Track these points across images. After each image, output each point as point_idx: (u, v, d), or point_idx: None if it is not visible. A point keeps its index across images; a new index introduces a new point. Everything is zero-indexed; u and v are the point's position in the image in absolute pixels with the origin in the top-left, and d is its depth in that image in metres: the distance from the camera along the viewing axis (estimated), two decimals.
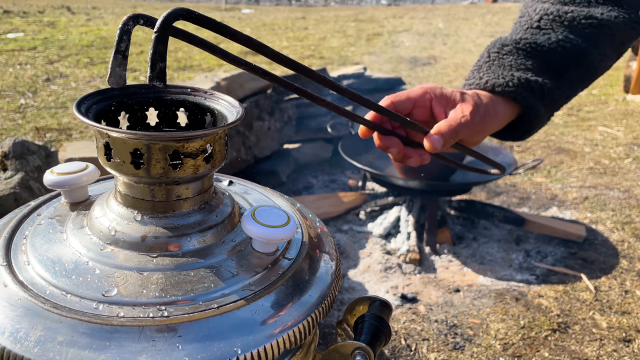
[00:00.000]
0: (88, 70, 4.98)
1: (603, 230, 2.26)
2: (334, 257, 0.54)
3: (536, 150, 3.18)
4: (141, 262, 0.44)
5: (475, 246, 2.09)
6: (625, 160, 3.07)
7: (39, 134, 3.22)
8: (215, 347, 0.40)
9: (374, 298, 0.56)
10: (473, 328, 1.63)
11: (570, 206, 2.47)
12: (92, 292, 0.42)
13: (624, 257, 2.05)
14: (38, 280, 0.43)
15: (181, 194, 0.47)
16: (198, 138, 0.44)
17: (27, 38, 6.60)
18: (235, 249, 0.48)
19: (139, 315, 0.40)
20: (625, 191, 2.64)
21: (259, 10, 12.06)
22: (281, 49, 6.35)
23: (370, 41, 7.13)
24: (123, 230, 0.46)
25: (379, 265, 1.93)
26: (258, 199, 0.59)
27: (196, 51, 6.12)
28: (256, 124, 2.50)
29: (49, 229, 0.49)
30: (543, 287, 1.84)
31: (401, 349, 1.54)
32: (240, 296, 0.44)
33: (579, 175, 2.83)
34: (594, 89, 4.60)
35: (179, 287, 0.43)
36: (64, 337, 0.38)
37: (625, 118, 3.84)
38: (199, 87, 0.52)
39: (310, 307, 0.46)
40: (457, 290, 1.82)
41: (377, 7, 13.28)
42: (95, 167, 0.56)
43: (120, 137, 0.43)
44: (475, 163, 2.20)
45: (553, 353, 1.53)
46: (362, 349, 0.48)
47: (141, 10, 10.91)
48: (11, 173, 1.40)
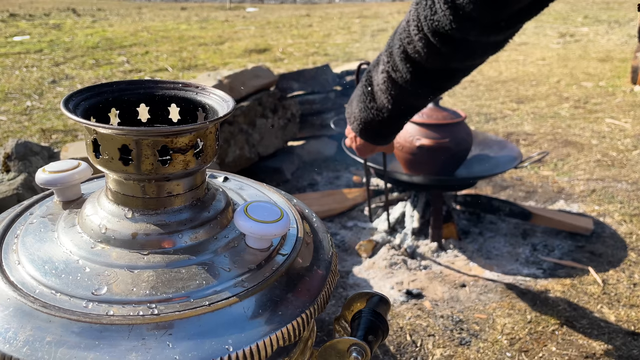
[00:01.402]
0: (94, 71, 5.00)
1: (611, 222, 2.23)
2: (330, 253, 0.54)
3: (542, 144, 3.15)
4: (132, 259, 0.44)
5: (482, 241, 2.08)
6: (633, 152, 3.03)
7: (45, 135, 3.24)
8: (207, 344, 0.39)
9: (371, 294, 0.55)
10: (479, 323, 1.62)
11: (578, 199, 2.45)
12: (82, 290, 0.41)
13: (632, 250, 2.02)
14: (28, 279, 0.43)
15: (172, 191, 0.46)
16: (187, 133, 0.43)
17: (33, 41, 6.63)
18: (228, 245, 0.48)
19: (129, 313, 0.40)
20: (634, 183, 2.61)
21: (263, 8, 12.06)
22: (286, 47, 6.34)
23: (375, 37, 7.10)
24: (114, 227, 0.45)
25: (384, 261, 1.92)
26: (253, 195, 0.59)
27: (200, 50, 6.12)
28: (259, 122, 2.49)
29: (40, 228, 0.49)
30: (550, 281, 1.83)
31: (407, 345, 1.54)
32: (233, 293, 0.43)
33: (586, 167, 2.81)
34: (601, 81, 4.56)
35: (170, 285, 0.43)
36: (53, 336, 0.38)
37: (632, 109, 3.80)
38: (190, 82, 0.52)
39: (304, 303, 0.45)
40: (463, 286, 1.81)
41: (382, 3, 13.23)
42: (88, 165, 0.55)
43: (108, 133, 0.42)
44: (481, 157, 2.18)
45: (560, 347, 1.52)
46: (358, 345, 0.47)
47: (146, 12, 10.91)
48: (14, 174, 1.40)
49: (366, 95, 1.13)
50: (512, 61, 5.51)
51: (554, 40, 6.69)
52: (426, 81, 1.01)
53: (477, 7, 0.80)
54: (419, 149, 1.88)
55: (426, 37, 0.91)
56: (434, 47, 0.91)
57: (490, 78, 4.76)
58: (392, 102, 1.08)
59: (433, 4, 0.86)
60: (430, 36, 0.90)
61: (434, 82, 1.02)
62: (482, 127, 3.41)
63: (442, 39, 0.89)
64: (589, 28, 7.54)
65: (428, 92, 1.06)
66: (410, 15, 0.93)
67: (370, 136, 1.23)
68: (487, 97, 4.14)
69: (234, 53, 5.94)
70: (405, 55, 0.97)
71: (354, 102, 1.20)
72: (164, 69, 5.15)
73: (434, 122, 1.89)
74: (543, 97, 4.04)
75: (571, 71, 4.99)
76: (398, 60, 1.00)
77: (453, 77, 1.03)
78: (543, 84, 4.54)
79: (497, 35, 0.89)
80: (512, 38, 0.93)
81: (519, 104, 3.90)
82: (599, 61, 5.38)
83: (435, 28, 0.88)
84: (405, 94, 1.05)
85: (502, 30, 0.87)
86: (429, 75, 1.00)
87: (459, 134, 1.91)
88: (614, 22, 7.96)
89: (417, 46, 0.93)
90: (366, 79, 1.14)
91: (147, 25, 8.42)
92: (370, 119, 1.16)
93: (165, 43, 6.63)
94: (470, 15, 0.82)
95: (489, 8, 0.80)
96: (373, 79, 1.11)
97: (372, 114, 1.14)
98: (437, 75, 1.00)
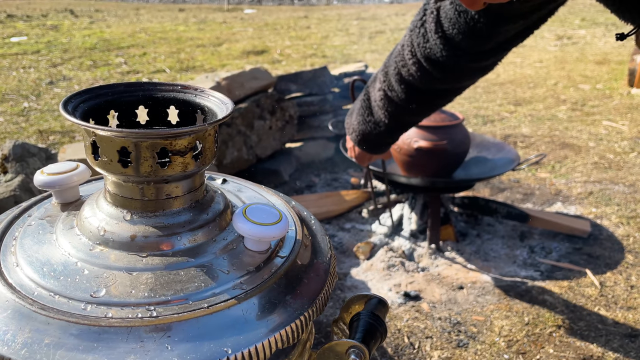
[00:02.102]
0: (91, 72, 4.99)
1: (608, 225, 2.24)
2: (328, 255, 0.54)
3: (540, 146, 3.16)
4: (130, 262, 0.44)
5: (479, 243, 2.08)
6: (630, 154, 3.04)
7: (42, 136, 3.23)
8: (205, 347, 0.39)
9: (369, 296, 0.55)
10: (477, 325, 1.62)
11: (575, 201, 2.46)
12: (80, 293, 0.41)
13: (629, 252, 2.03)
14: (26, 281, 0.43)
15: (171, 193, 0.46)
16: (186, 135, 0.43)
17: (30, 42, 6.62)
18: (227, 248, 0.48)
19: (128, 315, 0.40)
20: (631, 185, 2.62)
21: (261, 10, 12.06)
22: (284, 49, 6.34)
23: (372, 39, 7.11)
24: (112, 230, 0.45)
25: (381, 263, 1.92)
26: (252, 197, 0.59)
27: (198, 52, 6.12)
28: (257, 123, 2.49)
29: (38, 230, 0.49)
30: (547, 283, 1.83)
31: (404, 347, 1.54)
32: (231, 295, 0.43)
33: (583, 170, 2.81)
34: (598, 84, 4.57)
35: (169, 287, 0.42)
36: (52, 338, 0.38)
37: (630, 112, 3.81)
38: (189, 84, 0.52)
39: (303, 305, 0.45)
40: (460, 288, 1.81)
41: (380, 5, 13.24)
42: (87, 167, 0.55)
43: (107, 135, 0.42)
44: (478, 159, 2.18)
45: (558, 349, 1.52)
46: (357, 347, 0.47)
47: (144, 13, 10.91)
48: (11, 176, 1.40)
49: (364, 109, 1.21)
50: (510, 63, 5.52)
51: (552, 43, 6.71)
52: (420, 100, 1.08)
53: (465, 38, 0.88)
54: (417, 151, 1.88)
55: (419, 62, 0.98)
56: (427, 71, 0.99)
57: (488, 80, 4.77)
58: (389, 117, 1.15)
59: (425, 32, 0.94)
60: (423, 61, 0.98)
61: (427, 101, 1.10)
62: (479, 129, 3.42)
63: (433, 64, 0.97)
64: (586, 31, 7.57)
65: (422, 110, 1.14)
66: (405, 40, 1.01)
67: (368, 147, 1.31)
68: (484, 99, 4.15)
69: (231, 55, 5.94)
70: (400, 77, 1.05)
71: (354, 115, 1.27)
72: (161, 70, 5.14)
73: (431, 124, 1.89)
74: (540, 100, 4.05)
75: (568, 74, 5.00)
76: (393, 81, 1.07)
77: (445, 97, 1.10)
78: (540, 86, 4.55)
79: (485, 61, 0.96)
80: (500, 61, 1.00)
81: (516, 106, 3.91)
82: (596, 64, 5.40)
83: (428, 55, 0.96)
84: (401, 111, 1.12)
85: (489, 57, 0.94)
86: (423, 95, 1.07)
87: (457, 136, 1.91)
88: (611, 24, 7.99)
89: (410, 70, 1.01)
90: (364, 94, 1.21)
91: (145, 26, 8.41)
92: (368, 132, 1.23)
93: (163, 44, 6.63)
94: (459, 45, 0.90)
95: (477, 39, 0.87)
96: (371, 95, 1.18)
97: (370, 127, 1.21)
98: (430, 95, 1.07)
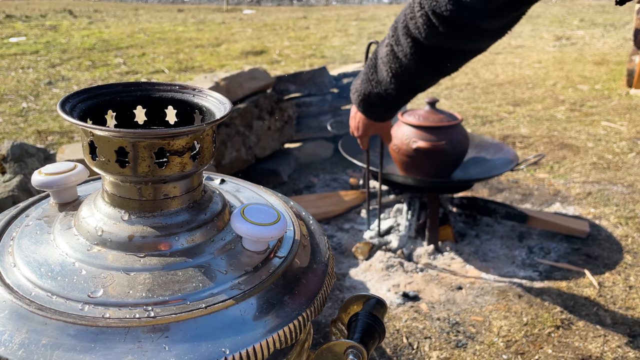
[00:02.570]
0: (90, 73, 4.99)
1: (607, 225, 2.24)
2: (326, 255, 0.54)
3: (538, 146, 3.16)
4: (128, 262, 0.44)
5: (478, 243, 2.08)
6: (628, 154, 3.04)
7: (41, 137, 3.23)
8: (203, 347, 0.39)
9: (368, 296, 0.55)
10: (475, 325, 1.62)
11: (574, 202, 2.46)
12: (78, 293, 0.41)
13: (628, 252, 2.03)
14: (24, 282, 0.43)
15: (169, 193, 0.46)
16: (184, 135, 0.43)
17: (29, 42, 6.62)
18: (225, 248, 0.48)
19: (125, 316, 0.40)
20: (629, 186, 2.62)
21: (260, 10, 12.06)
22: (283, 49, 6.34)
23: (371, 40, 7.11)
24: (110, 230, 0.45)
25: (380, 263, 1.92)
26: (250, 197, 0.58)
27: (197, 52, 6.12)
28: (256, 124, 2.49)
29: (36, 230, 0.48)
30: (546, 283, 1.83)
31: (403, 348, 1.53)
32: (229, 295, 0.43)
33: (582, 170, 2.82)
34: (597, 84, 4.58)
35: (167, 287, 0.42)
36: (49, 339, 0.38)
37: (628, 112, 3.81)
38: (187, 84, 0.51)
39: (301, 305, 0.45)
40: (459, 288, 1.81)
41: (379, 5, 13.25)
42: (84, 167, 0.55)
43: (105, 135, 0.42)
44: (477, 159, 2.18)
45: (556, 350, 1.52)
46: (355, 347, 0.47)
47: (142, 13, 10.91)
48: (10, 176, 1.40)
49: (370, 67, 1.19)
50: (509, 64, 5.53)
51: (550, 43, 6.72)
52: (424, 58, 1.06)
53: None
54: (416, 151, 1.88)
55: (426, 15, 0.97)
56: (433, 25, 0.97)
57: (487, 81, 4.77)
58: (392, 75, 1.13)
59: None
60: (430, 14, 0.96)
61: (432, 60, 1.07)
62: (478, 130, 3.42)
63: (439, 19, 0.95)
64: (584, 31, 7.58)
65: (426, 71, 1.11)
66: None
67: (367, 109, 1.29)
68: (483, 99, 4.16)
69: (230, 55, 5.94)
70: (407, 30, 1.03)
71: (360, 76, 1.26)
72: (160, 70, 5.14)
73: (430, 125, 1.89)
74: (539, 100, 4.06)
75: (567, 74, 5.01)
76: (401, 34, 1.05)
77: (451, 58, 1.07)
78: (539, 86, 4.56)
79: (491, 23, 0.94)
80: (510, 29, 0.98)
81: (515, 107, 3.92)
82: (594, 64, 5.41)
83: (434, 8, 0.94)
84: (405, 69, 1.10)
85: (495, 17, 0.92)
86: (428, 53, 1.05)
87: (456, 137, 1.91)
88: (610, 25, 8.00)
89: (418, 22, 0.99)
90: (374, 53, 1.20)
91: (144, 26, 8.41)
92: (369, 91, 1.22)
93: (162, 45, 6.63)
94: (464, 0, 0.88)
95: None
96: (378, 52, 1.16)
97: (372, 86, 1.20)
98: (436, 54, 1.05)
